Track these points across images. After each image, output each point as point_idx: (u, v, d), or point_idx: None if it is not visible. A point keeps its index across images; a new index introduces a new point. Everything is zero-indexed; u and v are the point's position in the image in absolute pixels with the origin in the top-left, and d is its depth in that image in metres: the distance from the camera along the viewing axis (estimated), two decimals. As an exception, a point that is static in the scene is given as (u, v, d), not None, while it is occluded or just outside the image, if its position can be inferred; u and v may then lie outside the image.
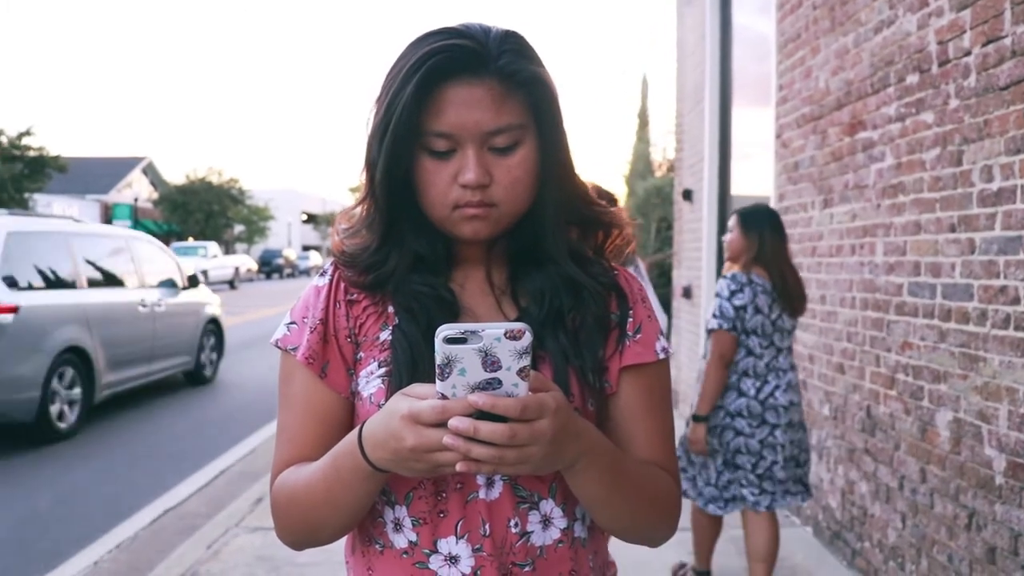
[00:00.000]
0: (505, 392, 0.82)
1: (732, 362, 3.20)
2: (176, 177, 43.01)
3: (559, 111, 1.03)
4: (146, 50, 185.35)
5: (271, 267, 42.34)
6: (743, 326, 3.17)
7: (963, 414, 2.79)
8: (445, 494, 0.99)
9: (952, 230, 2.87)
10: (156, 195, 42.67)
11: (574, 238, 1.10)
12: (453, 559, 0.98)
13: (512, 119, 0.98)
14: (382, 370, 1.01)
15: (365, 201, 1.06)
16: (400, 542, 1.01)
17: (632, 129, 16.73)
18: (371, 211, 1.05)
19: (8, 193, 24.46)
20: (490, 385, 0.82)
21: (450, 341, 0.80)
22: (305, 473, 1.00)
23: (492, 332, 0.80)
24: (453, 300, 1.04)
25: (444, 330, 0.81)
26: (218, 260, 31.27)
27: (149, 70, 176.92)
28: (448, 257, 1.07)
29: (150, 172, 43.72)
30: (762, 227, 3.26)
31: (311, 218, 63.64)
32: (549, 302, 1.04)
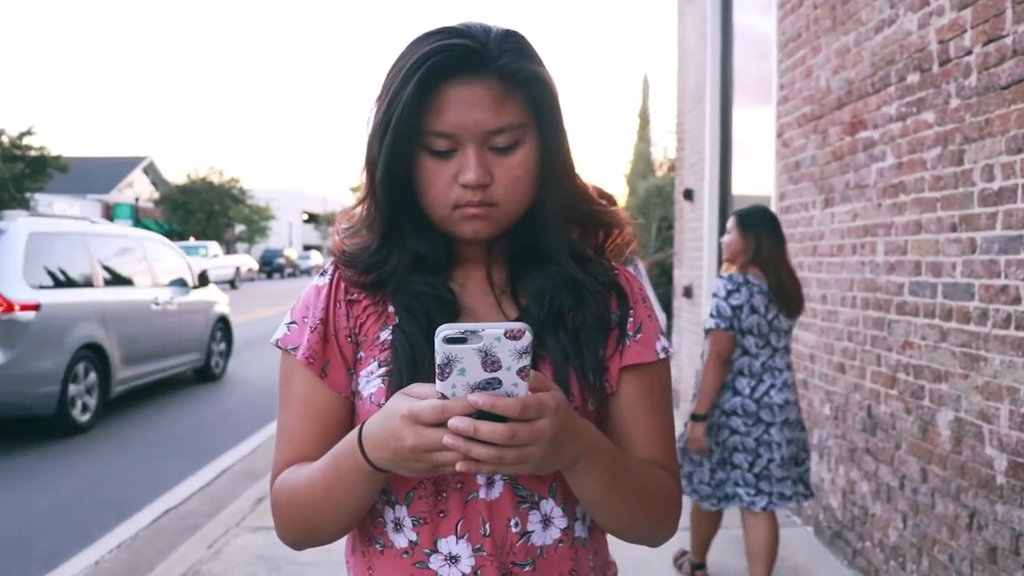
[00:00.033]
0: (505, 392, 0.82)
1: (729, 361, 3.21)
2: (177, 177, 43.14)
3: (559, 111, 1.02)
4: (147, 50, 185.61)
5: (272, 267, 42.39)
6: (739, 325, 3.18)
7: (964, 414, 2.79)
8: (445, 494, 0.98)
9: (953, 229, 2.86)
10: (157, 195, 42.71)
11: (575, 238, 1.10)
12: (453, 559, 0.98)
13: (512, 118, 0.98)
14: (382, 370, 1.01)
15: (365, 201, 1.06)
16: (400, 542, 1.01)
17: (633, 128, 16.72)
18: (371, 211, 1.05)
19: (9, 193, 24.34)
20: (490, 385, 0.82)
21: (450, 341, 0.80)
22: (305, 473, 1.00)
23: (492, 332, 0.80)
24: (453, 300, 1.04)
25: (444, 330, 0.81)
26: (219, 260, 31.26)
27: (150, 70, 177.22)
28: (448, 257, 1.07)
29: (151, 172, 43.77)
30: (759, 229, 3.28)
31: (312, 218, 63.70)
32: (549, 302, 1.04)
